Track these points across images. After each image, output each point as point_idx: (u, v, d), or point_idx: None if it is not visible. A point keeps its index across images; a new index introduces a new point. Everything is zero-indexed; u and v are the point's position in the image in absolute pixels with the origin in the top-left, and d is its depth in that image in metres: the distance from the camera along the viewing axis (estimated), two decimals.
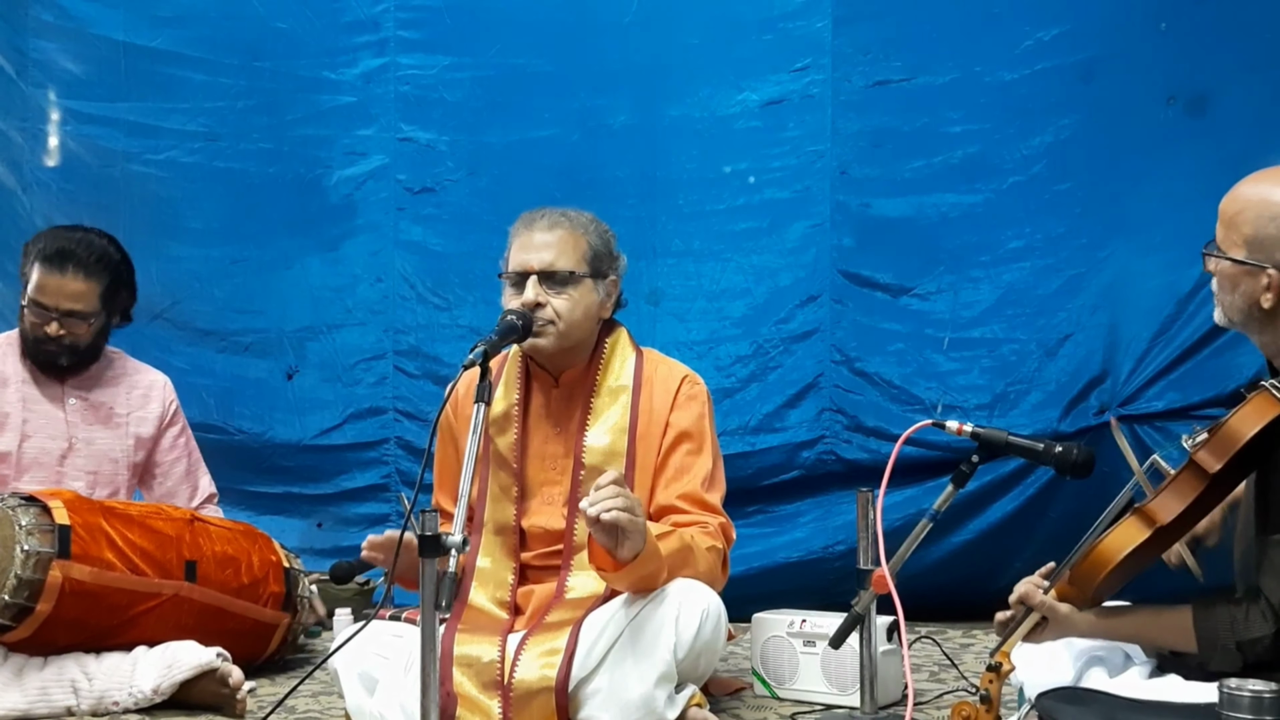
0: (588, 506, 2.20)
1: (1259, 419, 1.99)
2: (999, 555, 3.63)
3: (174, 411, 3.40)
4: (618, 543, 2.22)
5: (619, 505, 2.19)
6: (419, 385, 4.13)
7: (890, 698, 2.69)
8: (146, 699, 2.73)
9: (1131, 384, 3.67)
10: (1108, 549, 2.07)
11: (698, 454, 2.60)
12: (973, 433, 2.27)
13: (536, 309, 2.53)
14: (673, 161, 4.01)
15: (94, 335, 3.20)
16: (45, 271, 3.11)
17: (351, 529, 4.08)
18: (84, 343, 3.18)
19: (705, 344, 3.94)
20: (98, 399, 3.28)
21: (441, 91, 4.14)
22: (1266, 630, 2.00)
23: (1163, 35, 3.69)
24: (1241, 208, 2.10)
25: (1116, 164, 3.74)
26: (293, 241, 4.21)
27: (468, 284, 4.09)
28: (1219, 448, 2.01)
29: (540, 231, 2.58)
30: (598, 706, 2.29)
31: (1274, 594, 2.01)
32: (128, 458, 3.29)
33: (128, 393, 3.33)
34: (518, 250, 2.59)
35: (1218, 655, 2.03)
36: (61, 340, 3.14)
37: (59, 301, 3.11)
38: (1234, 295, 2.12)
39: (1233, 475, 2.10)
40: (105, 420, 3.27)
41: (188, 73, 4.17)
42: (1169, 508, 2.05)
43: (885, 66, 3.86)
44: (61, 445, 3.19)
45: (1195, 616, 2.06)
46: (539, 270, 2.55)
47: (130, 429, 3.30)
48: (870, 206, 3.89)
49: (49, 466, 3.16)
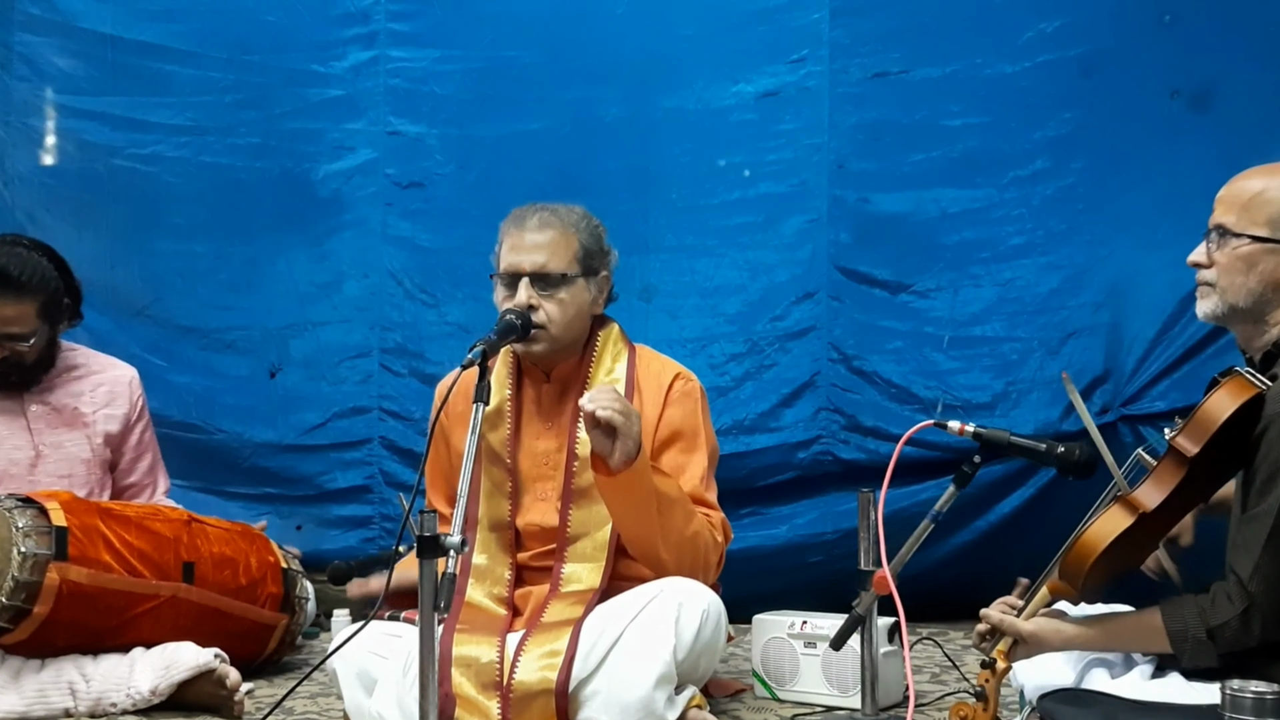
0: (586, 402, 2.32)
1: (1233, 401, 2.03)
2: (1001, 556, 3.59)
3: (140, 406, 3.35)
4: (612, 449, 2.32)
5: (616, 407, 2.31)
6: (405, 384, 4.09)
7: (891, 699, 2.71)
8: (144, 700, 2.74)
9: (1135, 383, 3.64)
10: (1092, 537, 2.08)
11: (691, 452, 2.63)
12: (974, 433, 2.28)
13: (529, 311, 2.55)
14: (666, 155, 3.98)
15: (40, 350, 3.11)
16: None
17: (333, 531, 4.05)
18: (30, 359, 3.11)
19: (698, 341, 3.91)
20: (60, 402, 3.21)
21: (431, 84, 4.11)
22: (1233, 611, 2.01)
23: (1166, 28, 3.68)
24: (1262, 188, 2.13)
25: (1119, 159, 3.73)
26: (279, 237, 4.17)
27: (456, 280, 4.05)
28: (1195, 431, 2.04)
29: (531, 231, 2.58)
30: (597, 708, 2.31)
31: (1242, 568, 2.02)
32: (98, 456, 3.24)
33: (92, 391, 3.26)
34: (509, 251, 2.60)
35: (1190, 649, 2.04)
36: (7, 360, 3.07)
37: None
38: (1248, 277, 2.13)
39: (1220, 468, 2.12)
40: (71, 423, 3.21)
41: (175, 67, 4.13)
42: (1151, 495, 2.06)
43: (884, 58, 3.84)
44: (29, 454, 3.13)
45: (1164, 614, 2.07)
46: (530, 272, 2.56)
47: (98, 427, 3.24)
48: (868, 201, 3.87)
49: (20, 477, 3.09)
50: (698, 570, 2.51)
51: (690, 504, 2.51)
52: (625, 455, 2.33)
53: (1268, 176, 2.15)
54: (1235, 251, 2.14)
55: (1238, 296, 2.15)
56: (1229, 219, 2.15)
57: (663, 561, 2.48)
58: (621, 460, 2.33)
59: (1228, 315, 2.18)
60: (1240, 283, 2.14)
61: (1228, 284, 2.16)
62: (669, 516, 2.44)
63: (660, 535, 2.45)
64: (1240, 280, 2.14)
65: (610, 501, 2.46)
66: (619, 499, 2.43)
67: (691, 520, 2.49)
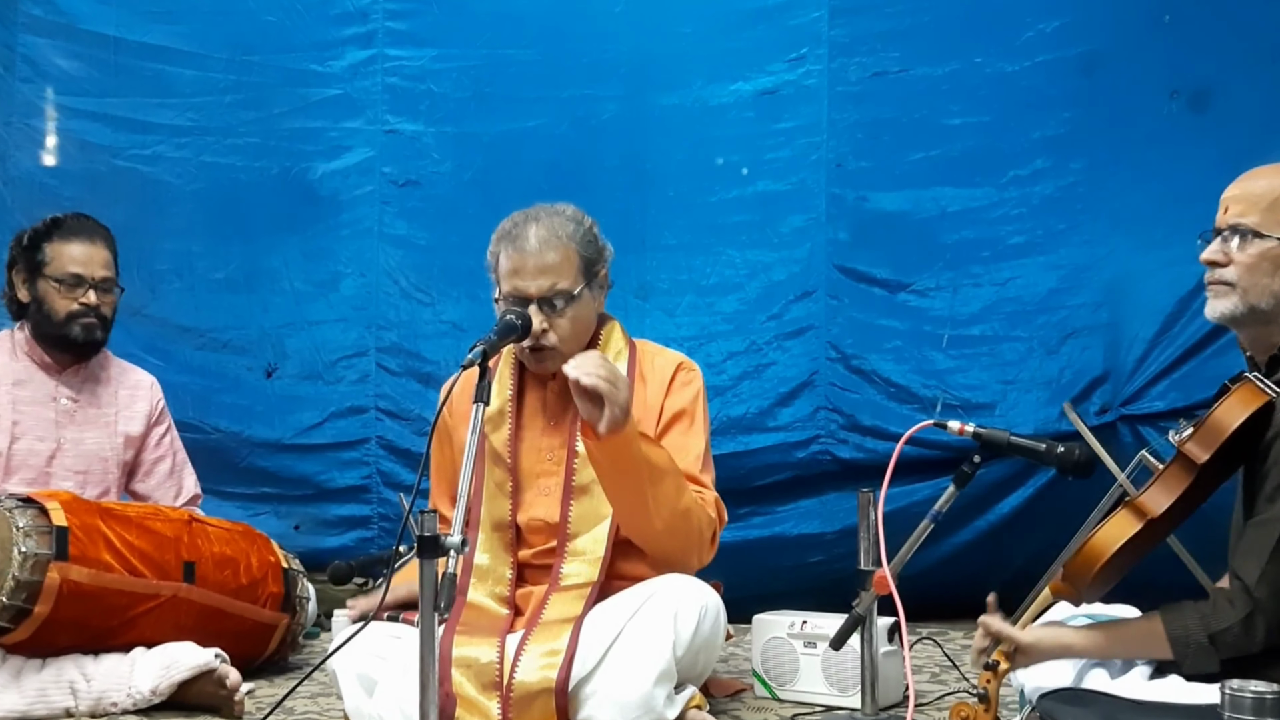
0: (571, 369, 2.29)
1: (1244, 409, 2.02)
2: (1001, 556, 3.62)
3: (160, 411, 3.41)
4: (600, 416, 2.29)
5: (601, 374, 2.27)
6: (401, 383, 4.08)
7: (891, 699, 2.71)
8: (145, 700, 2.74)
9: (1134, 383, 3.63)
10: (1100, 543, 2.07)
11: (688, 433, 2.62)
12: (974, 433, 2.27)
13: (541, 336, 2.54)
14: (664, 153, 3.98)
15: (114, 312, 3.24)
16: (75, 243, 3.16)
17: (331, 530, 4.04)
18: (111, 319, 3.23)
19: (696, 340, 3.89)
20: (87, 398, 3.26)
21: (429, 83, 4.11)
22: (1235, 617, 2.00)
23: (1166, 28, 3.67)
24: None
25: (1118, 158, 3.72)
26: (276, 236, 4.16)
27: (452, 279, 4.04)
28: (1206, 438, 2.03)
29: (532, 255, 2.53)
30: (597, 706, 2.29)
31: (1247, 573, 2.01)
32: (117, 456, 3.28)
33: (115, 392, 3.32)
34: (510, 274, 2.55)
35: (1192, 655, 2.03)
36: (100, 310, 3.17)
37: (93, 270, 3.16)
38: (1274, 279, 2.10)
39: (1221, 469, 2.11)
40: (94, 420, 3.26)
41: (178, 68, 4.13)
42: (1159, 500, 2.06)
43: (883, 57, 3.84)
44: (50, 446, 3.18)
45: (1165, 620, 2.06)
46: (538, 297, 2.53)
47: (119, 428, 3.29)
48: (867, 200, 3.87)
49: (37, 468, 3.15)
50: (691, 547, 2.50)
51: (683, 478, 2.48)
52: (613, 421, 2.29)
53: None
54: (1262, 252, 2.11)
55: (1261, 297, 2.11)
56: (1251, 219, 2.11)
57: (656, 533, 2.46)
58: (609, 426, 2.30)
59: (1245, 316, 2.14)
60: (1265, 284, 2.11)
61: (1250, 284, 2.12)
62: (659, 487, 2.41)
63: (652, 506, 2.42)
64: (1265, 282, 2.11)
65: (600, 470, 2.43)
66: (608, 466, 2.40)
67: (683, 494, 2.46)
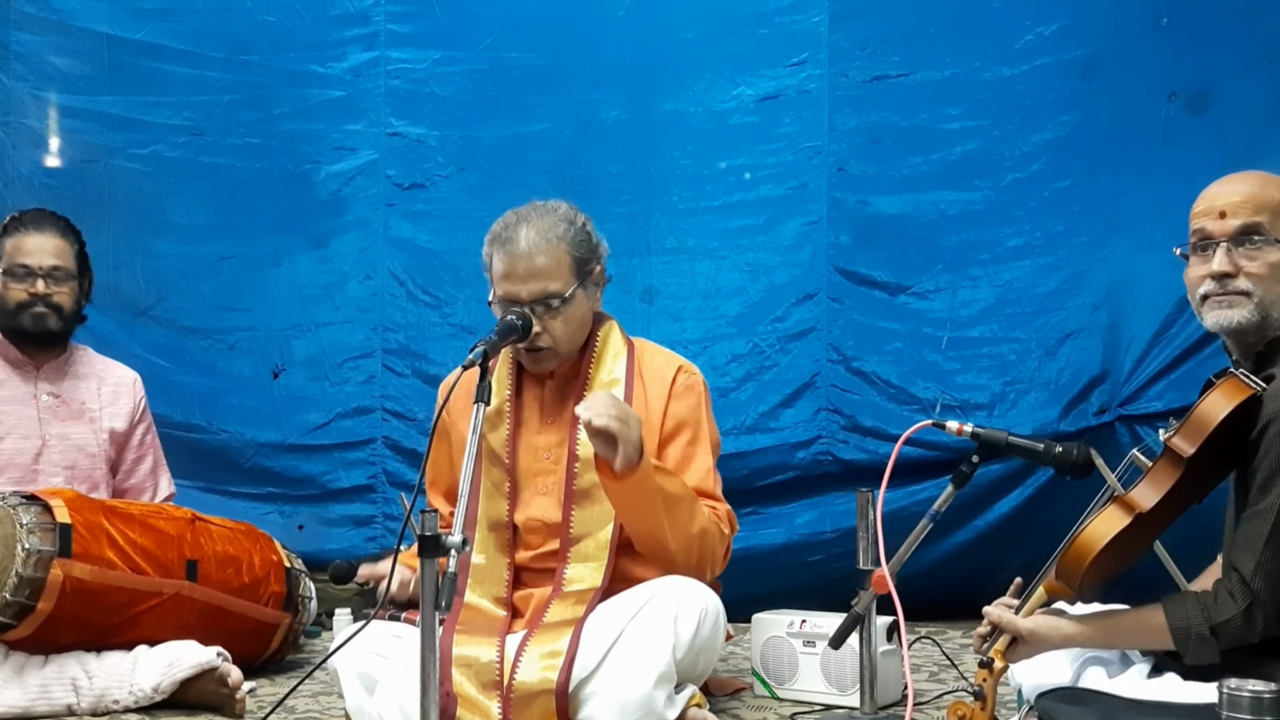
0: (583, 410, 2.30)
1: (1228, 402, 2.02)
2: (999, 555, 3.61)
3: (143, 408, 3.40)
4: (614, 455, 2.30)
5: (613, 414, 2.29)
6: (408, 384, 4.09)
7: (890, 698, 2.69)
8: (147, 698, 2.73)
9: (1132, 383, 3.65)
10: (1089, 537, 2.08)
11: (696, 445, 2.61)
12: (973, 433, 2.26)
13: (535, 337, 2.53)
14: (667, 157, 3.99)
15: (73, 303, 3.21)
16: (23, 234, 3.16)
17: (335, 530, 4.05)
18: (68, 309, 3.20)
19: (700, 343, 3.91)
20: (69, 394, 3.27)
21: (432, 86, 4.11)
22: (1236, 609, 2.00)
23: (1164, 31, 3.68)
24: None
25: (1117, 161, 3.73)
26: (280, 238, 4.16)
27: (458, 281, 4.05)
28: (1191, 432, 2.04)
29: (522, 258, 2.51)
30: (597, 707, 2.27)
31: (1244, 565, 2.02)
32: (103, 451, 3.28)
33: (99, 387, 3.32)
34: (502, 277, 2.54)
35: (1193, 645, 2.03)
36: (49, 300, 3.16)
37: (41, 260, 3.15)
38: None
39: (1213, 470, 2.11)
40: (78, 415, 3.26)
41: (173, 66, 4.13)
42: (1148, 495, 2.06)
43: (883, 61, 3.85)
44: (35, 444, 3.18)
45: (1167, 610, 2.06)
46: (529, 301, 2.52)
47: (104, 423, 3.29)
48: (868, 204, 3.88)
49: (24, 466, 3.15)
50: (705, 564, 2.51)
51: (696, 501, 2.49)
52: (627, 460, 2.31)
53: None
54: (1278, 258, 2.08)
55: (1276, 305, 2.09)
56: (1268, 222, 2.08)
57: (671, 555, 2.48)
58: (624, 465, 2.31)
59: (1258, 324, 2.10)
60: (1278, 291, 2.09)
61: (1266, 292, 2.09)
62: (675, 515, 2.43)
63: (668, 533, 2.44)
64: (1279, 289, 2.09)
65: (617, 504, 2.44)
66: (625, 501, 2.42)
67: (697, 517, 2.47)
